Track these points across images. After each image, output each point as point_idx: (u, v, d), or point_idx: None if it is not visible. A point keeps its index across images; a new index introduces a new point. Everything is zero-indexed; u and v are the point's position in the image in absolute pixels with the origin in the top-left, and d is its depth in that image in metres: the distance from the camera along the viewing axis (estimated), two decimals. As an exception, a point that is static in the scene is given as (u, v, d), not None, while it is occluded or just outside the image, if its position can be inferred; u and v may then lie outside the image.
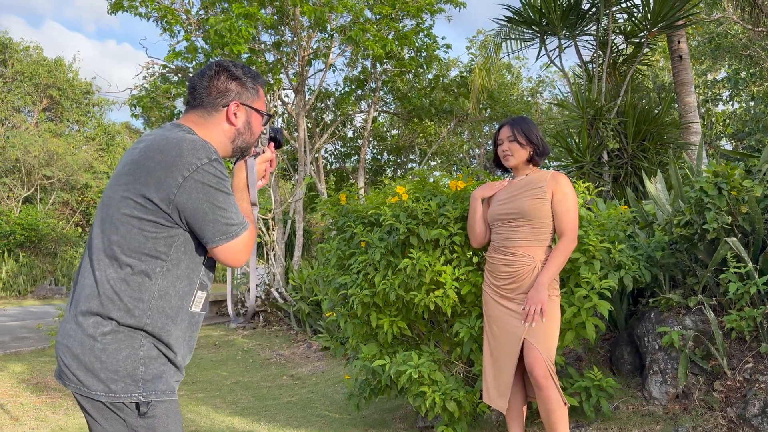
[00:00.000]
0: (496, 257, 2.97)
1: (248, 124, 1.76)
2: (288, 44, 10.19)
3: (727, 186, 3.55)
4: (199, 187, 1.52)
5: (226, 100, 1.71)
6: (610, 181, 6.41)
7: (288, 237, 11.36)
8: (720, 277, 3.55)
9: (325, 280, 4.17)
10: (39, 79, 23.00)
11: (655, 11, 6.49)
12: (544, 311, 2.74)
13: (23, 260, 16.57)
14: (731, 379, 3.41)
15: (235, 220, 1.58)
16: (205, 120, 1.71)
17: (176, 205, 1.51)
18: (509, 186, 3.03)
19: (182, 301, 1.59)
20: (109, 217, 1.56)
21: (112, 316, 1.49)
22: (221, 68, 1.73)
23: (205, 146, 1.57)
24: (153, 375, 1.51)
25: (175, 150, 1.53)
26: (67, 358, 1.51)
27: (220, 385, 5.71)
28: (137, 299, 1.51)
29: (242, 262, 1.64)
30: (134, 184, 1.53)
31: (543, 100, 18.55)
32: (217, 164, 1.56)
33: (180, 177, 1.51)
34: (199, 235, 1.57)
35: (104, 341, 1.49)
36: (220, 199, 1.55)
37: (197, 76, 1.74)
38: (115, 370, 1.48)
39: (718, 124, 16.58)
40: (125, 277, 1.51)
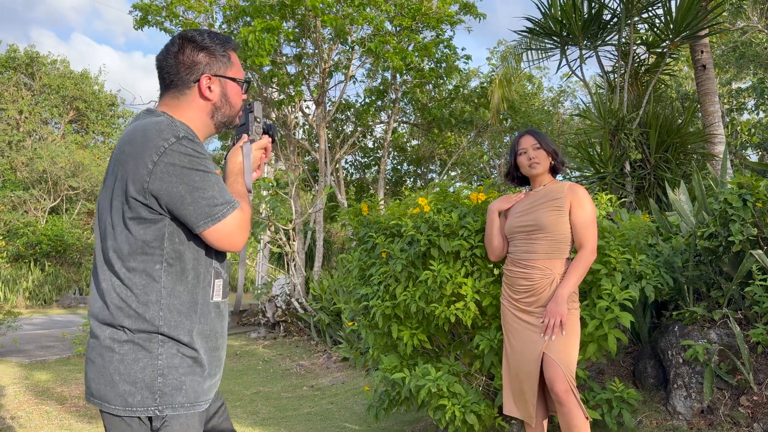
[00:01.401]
0: (514, 270, 2.94)
1: (225, 96, 1.62)
2: (309, 56, 10.29)
3: (752, 198, 3.50)
4: (171, 170, 1.41)
5: (195, 75, 1.58)
6: (633, 192, 6.35)
7: (308, 247, 11.42)
8: (745, 290, 3.50)
9: (346, 290, 4.18)
10: (66, 92, 23.51)
11: (677, 21, 6.44)
12: (563, 324, 2.71)
13: (49, 270, 16.86)
14: (758, 394, 3.34)
15: (219, 199, 1.46)
16: (178, 100, 1.59)
17: (152, 194, 1.42)
18: (526, 198, 3.00)
19: (194, 295, 1.50)
20: (103, 224, 1.50)
21: (124, 325, 1.44)
22: (185, 40, 1.58)
23: (171, 125, 1.46)
24: (171, 386, 1.45)
25: (142, 136, 1.44)
26: (90, 372, 1.49)
27: (240, 395, 5.74)
28: (145, 302, 1.44)
29: (239, 245, 1.51)
30: (116, 184, 1.46)
31: (564, 110, 18.46)
32: (187, 142, 1.45)
33: (150, 163, 1.41)
34: (183, 220, 1.46)
35: (122, 351, 1.44)
36: (197, 179, 1.43)
37: (162, 54, 1.60)
38: (133, 382, 1.43)
39: (743, 134, 16.34)
40: (128, 282, 1.45)
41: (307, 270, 10.88)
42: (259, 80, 9.88)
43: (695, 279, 3.87)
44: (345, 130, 12.91)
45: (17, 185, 19.73)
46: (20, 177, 20.02)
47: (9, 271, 16.30)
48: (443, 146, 14.28)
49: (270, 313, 9.94)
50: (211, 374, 1.55)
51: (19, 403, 5.24)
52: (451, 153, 14.29)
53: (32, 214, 19.28)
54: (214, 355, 1.56)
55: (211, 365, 1.54)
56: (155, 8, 9.22)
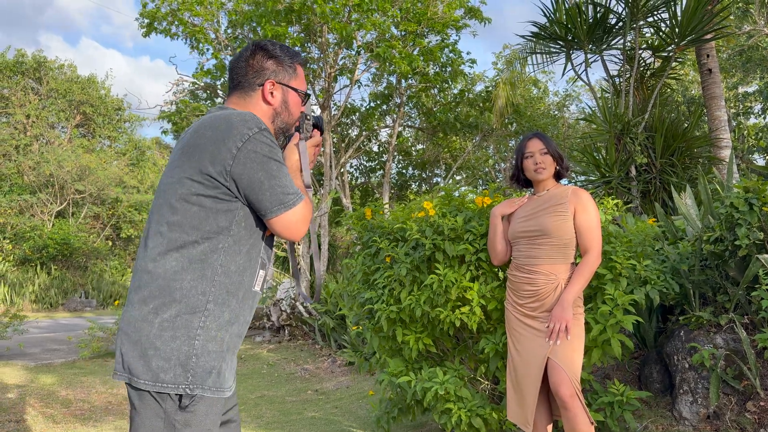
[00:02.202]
0: (518, 275, 2.91)
1: (285, 104, 1.73)
2: (315, 61, 10.32)
3: (758, 202, 3.48)
4: (253, 156, 1.50)
5: (261, 79, 1.70)
6: (639, 196, 6.33)
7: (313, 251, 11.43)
8: (752, 295, 3.48)
9: (350, 294, 4.18)
10: (72, 96, 23.65)
11: (682, 25, 6.43)
12: (569, 329, 2.68)
13: (55, 273, 16.93)
14: (764, 400, 3.32)
15: (290, 189, 1.55)
16: (244, 101, 1.70)
17: (233, 177, 1.50)
18: (530, 202, 2.97)
19: (243, 277, 1.57)
20: (165, 202, 1.55)
21: (174, 298, 1.48)
22: (257, 47, 1.72)
23: (254, 117, 1.56)
24: (204, 368, 1.48)
25: (225, 123, 1.53)
26: (125, 345, 1.50)
27: (245, 399, 5.74)
28: (200, 277, 1.49)
29: (301, 234, 1.59)
30: (188, 163, 1.53)
31: (570, 114, 18.44)
32: (267, 133, 1.55)
33: (234, 148, 1.50)
34: (256, 206, 1.54)
35: (162, 326, 1.47)
36: (274, 168, 1.53)
37: (235, 58, 1.74)
38: (168, 358, 1.46)
39: (750, 138, 16.29)
40: (187, 257, 1.50)
41: (312, 274, 10.89)
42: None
43: (701, 283, 3.85)
44: (350, 134, 12.94)
45: (24, 189, 19.83)
46: (27, 181, 20.13)
47: (15, 274, 16.37)
48: (448, 150, 14.29)
49: (275, 316, 9.94)
50: (232, 362, 1.59)
51: (24, 406, 5.25)
52: (456, 157, 14.29)
53: (39, 217, 19.37)
54: (238, 342, 1.61)
55: (233, 353, 1.59)
56: (161, 15, 9.27)
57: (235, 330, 1.58)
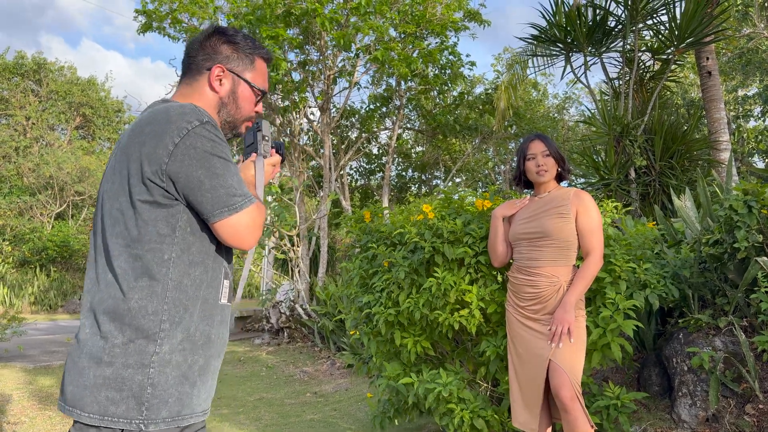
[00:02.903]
0: (519, 278, 2.90)
1: (233, 95, 1.55)
2: (314, 63, 10.32)
3: (757, 204, 3.48)
4: (192, 153, 1.33)
5: (211, 63, 1.52)
6: (638, 199, 6.33)
7: (313, 253, 11.42)
8: (751, 297, 3.48)
9: (348, 297, 4.18)
10: (72, 98, 23.65)
11: (682, 28, 6.44)
12: (571, 331, 2.67)
13: (54, 275, 16.92)
14: (763, 403, 3.32)
15: (237, 190, 1.37)
16: (191, 87, 1.53)
17: (169, 176, 1.33)
18: (531, 204, 2.96)
19: (200, 291, 1.39)
20: (107, 212, 1.39)
21: (124, 322, 1.31)
22: (216, 30, 1.55)
23: (195, 110, 1.39)
24: (159, 398, 1.31)
25: (163, 117, 1.36)
26: (69, 374, 1.34)
27: (243, 402, 5.74)
28: (149, 295, 1.32)
29: (251, 243, 1.41)
30: (126, 165, 1.36)
31: (570, 116, 18.45)
32: (210, 127, 1.37)
33: (170, 144, 1.32)
34: (197, 209, 1.36)
35: (112, 353, 1.30)
36: (218, 165, 1.35)
37: (190, 40, 1.57)
38: (119, 388, 1.29)
39: (750, 141, 16.29)
40: (132, 273, 1.33)
41: (311, 276, 10.88)
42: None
43: (700, 286, 3.85)
44: (350, 136, 12.94)
45: (24, 191, 19.83)
46: (27, 183, 20.13)
47: (15, 276, 16.36)
48: (448, 153, 14.29)
49: (274, 319, 9.94)
50: (212, 382, 1.44)
51: (23, 408, 5.24)
52: (456, 159, 14.30)
53: (38, 219, 19.36)
54: (214, 362, 1.45)
55: (209, 372, 1.42)
56: (159, 15, 9.27)
57: (207, 351, 1.41)
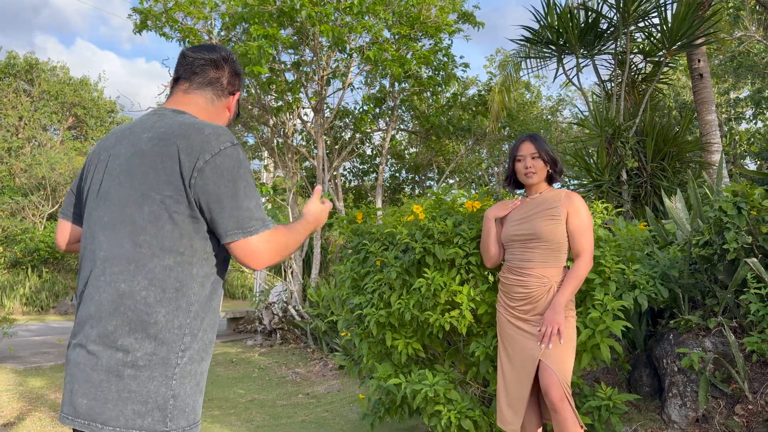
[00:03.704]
0: (510, 278, 2.91)
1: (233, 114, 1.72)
2: (307, 64, 10.31)
3: (746, 206, 3.50)
4: (219, 172, 1.37)
5: (233, 89, 1.67)
6: (630, 200, 6.35)
7: (305, 254, 11.40)
8: (740, 298, 3.49)
9: (340, 299, 4.17)
10: (65, 98, 23.55)
11: (673, 30, 6.47)
12: (561, 332, 2.67)
13: (46, 276, 16.83)
14: (753, 403, 3.33)
15: (255, 214, 1.39)
16: (212, 105, 1.62)
17: (195, 190, 1.37)
18: (523, 205, 2.97)
19: (211, 302, 1.44)
20: (127, 218, 1.38)
21: (148, 333, 1.32)
22: (229, 57, 1.66)
23: (228, 132, 1.46)
24: (179, 408, 1.35)
25: (199, 134, 1.41)
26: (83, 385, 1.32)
27: (235, 403, 5.72)
28: (175, 309, 1.34)
29: (262, 265, 1.42)
30: (155, 174, 1.38)
31: (563, 118, 18.51)
32: (240, 149, 1.44)
33: (201, 161, 1.37)
34: (214, 226, 1.39)
35: (137, 366, 1.31)
36: (241, 188, 1.39)
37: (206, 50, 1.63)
38: (145, 401, 1.30)
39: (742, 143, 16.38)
40: (159, 285, 1.33)
41: (304, 277, 10.86)
42: (257, 87, 9.90)
43: (690, 287, 3.86)
44: (343, 137, 12.93)
45: (16, 191, 19.72)
46: (19, 183, 20.02)
47: (6, 277, 16.27)
48: (441, 154, 14.29)
49: (267, 320, 9.91)
50: (204, 390, 1.49)
51: (13, 409, 5.21)
52: (450, 161, 14.31)
53: (30, 220, 19.25)
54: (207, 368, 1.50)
55: (206, 379, 1.52)
56: (154, 14, 9.24)
57: (209, 357, 1.48)
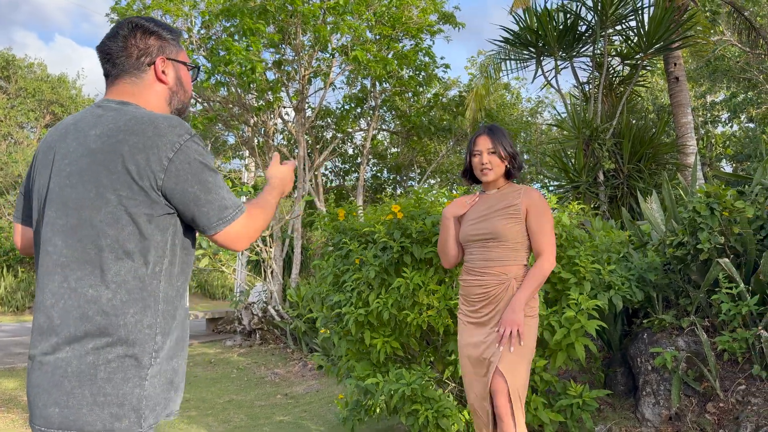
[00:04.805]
0: (469, 279, 2.73)
1: (179, 80, 1.58)
2: (289, 63, 10.28)
3: (719, 207, 3.56)
4: (187, 168, 1.35)
5: (150, 58, 1.52)
6: (606, 201, 6.42)
7: (286, 254, 11.35)
8: (712, 298, 3.55)
9: (320, 296, 4.17)
10: (42, 96, 23.20)
11: (650, 33, 6.56)
12: (521, 334, 2.50)
13: (22, 276, 16.56)
14: (724, 401, 3.39)
15: (230, 201, 1.41)
16: (137, 87, 1.51)
17: (164, 192, 1.34)
18: (481, 202, 2.79)
19: (181, 300, 1.43)
20: (85, 221, 1.33)
21: (119, 335, 1.30)
22: (134, 25, 1.52)
23: (182, 122, 1.41)
24: (149, 407, 1.33)
25: (151, 129, 1.35)
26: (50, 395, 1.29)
27: (213, 404, 5.68)
28: (143, 309, 1.33)
29: (244, 246, 1.45)
30: (109, 174, 1.33)
31: (543, 120, 18.65)
32: (198, 139, 1.41)
33: (165, 159, 1.33)
34: (194, 222, 1.39)
35: (109, 369, 1.29)
36: (210, 179, 1.38)
37: (109, 39, 1.52)
38: (121, 404, 1.29)
39: (717, 146, 16.64)
40: (124, 287, 1.31)
41: (284, 277, 10.82)
42: (237, 86, 9.85)
43: (664, 287, 3.92)
44: (325, 136, 12.90)
45: (-9, 190, 19.37)
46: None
47: (-20, 277, 15.99)
48: (423, 154, 14.33)
49: (246, 320, 9.86)
50: (181, 386, 1.46)
51: (-15, 411, 5.12)
52: (431, 161, 14.34)
53: (6, 219, 18.93)
54: (184, 364, 1.47)
55: (181, 374, 1.45)
56: (133, 13, 9.15)
57: (182, 355, 1.46)
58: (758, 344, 3.35)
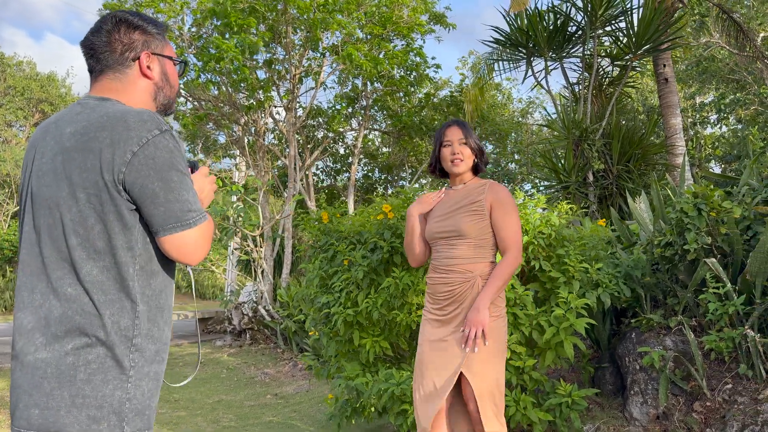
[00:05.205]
0: (435, 277, 2.65)
1: (165, 75, 1.54)
2: (279, 62, 10.25)
3: (706, 207, 3.58)
4: (150, 164, 1.30)
5: (134, 53, 1.48)
6: (596, 201, 6.46)
7: (277, 254, 11.33)
8: (699, 298, 3.57)
9: (308, 298, 4.16)
10: (31, 94, 23.03)
11: (639, 35, 6.59)
12: (486, 334, 2.41)
13: (10, 275, 16.43)
14: (710, 400, 3.41)
15: (193, 205, 1.34)
16: (120, 83, 1.47)
17: (124, 186, 1.29)
18: (446, 198, 2.72)
19: (159, 300, 1.38)
20: (58, 220, 1.32)
21: (98, 336, 1.27)
22: (118, 19, 1.48)
23: (154, 117, 1.35)
24: (135, 411, 1.31)
25: (121, 124, 1.31)
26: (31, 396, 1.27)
27: (202, 404, 5.66)
28: (119, 310, 1.30)
29: (198, 259, 1.38)
30: (79, 172, 1.30)
31: (533, 120, 18.70)
32: (169, 136, 1.35)
33: (129, 153, 1.29)
34: (148, 220, 1.33)
35: (89, 370, 1.26)
36: (175, 178, 1.32)
37: (92, 34, 1.48)
38: (100, 406, 1.26)
39: (706, 147, 16.75)
40: (100, 287, 1.29)
41: (275, 277, 10.79)
42: (228, 85, 9.82)
43: (652, 287, 3.94)
44: (316, 136, 12.89)
45: (-22, 189, 19.23)
46: (-18, 180, 19.52)
47: (-32, 276, 15.86)
48: (414, 154, 14.33)
49: (236, 320, 9.83)
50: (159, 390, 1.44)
51: (-29, 412, 5.08)
52: (422, 161, 14.35)
53: (-6, 218, 18.79)
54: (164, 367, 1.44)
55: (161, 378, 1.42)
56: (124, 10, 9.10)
57: (165, 356, 1.42)
58: (745, 344, 3.37)
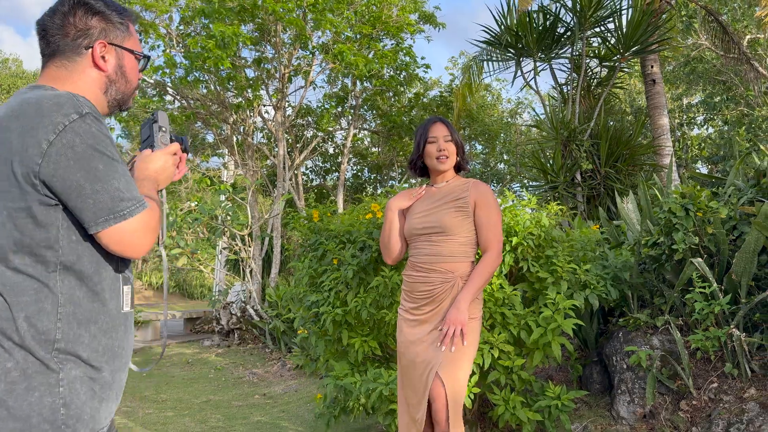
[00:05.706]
0: (414, 275, 2.60)
1: (120, 69, 1.41)
2: (269, 61, 10.22)
3: (693, 207, 3.61)
4: (69, 153, 1.16)
5: (89, 40, 1.35)
6: (584, 201, 6.49)
7: (266, 253, 11.29)
8: (686, 297, 3.60)
9: (297, 297, 4.15)
10: (17, 92, 22.82)
11: (627, 36, 6.63)
12: (464, 334, 2.39)
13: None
14: (697, 399, 3.44)
15: (125, 193, 1.22)
16: (67, 70, 1.35)
17: (43, 180, 1.17)
18: (428, 195, 2.68)
19: (99, 303, 1.26)
20: None
21: (14, 340, 1.16)
22: (77, 2, 1.35)
23: (73, 99, 1.21)
24: (75, 417, 1.19)
25: (34, 110, 1.19)
26: None
27: (189, 404, 5.62)
28: (37, 312, 1.18)
29: (142, 251, 1.26)
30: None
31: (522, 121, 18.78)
32: (92, 120, 1.21)
33: (44, 142, 1.16)
34: (78, 216, 1.20)
35: (9, 379, 1.14)
36: (100, 166, 1.19)
37: (47, 15, 1.36)
38: (27, 417, 1.14)
39: (693, 148, 16.89)
40: (15, 288, 1.18)
41: (264, 277, 10.76)
42: (216, 83, 9.77)
43: (639, 286, 3.96)
44: (305, 135, 12.86)
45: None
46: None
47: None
48: (403, 154, 14.35)
49: (224, 320, 9.79)
50: (116, 397, 1.32)
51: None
52: (411, 161, 14.35)
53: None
54: (120, 376, 1.33)
55: (114, 387, 1.30)
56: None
57: (112, 365, 1.29)
58: (730, 343, 3.40)
